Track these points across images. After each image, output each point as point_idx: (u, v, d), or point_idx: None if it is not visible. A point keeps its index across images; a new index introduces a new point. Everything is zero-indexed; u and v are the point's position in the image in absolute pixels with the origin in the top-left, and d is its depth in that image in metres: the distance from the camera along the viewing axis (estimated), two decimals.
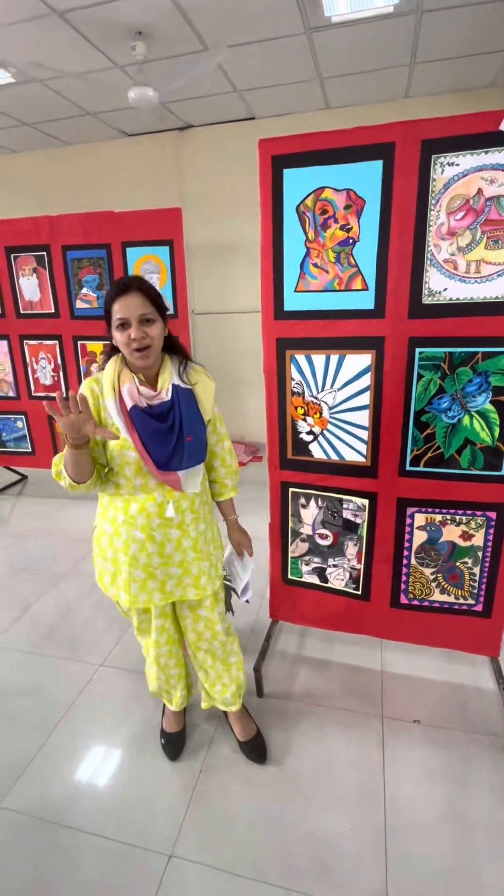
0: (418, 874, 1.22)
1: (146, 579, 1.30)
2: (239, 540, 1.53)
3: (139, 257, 2.85)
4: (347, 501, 1.68)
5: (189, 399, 1.26)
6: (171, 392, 1.23)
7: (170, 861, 1.26)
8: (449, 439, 1.50)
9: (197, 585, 1.35)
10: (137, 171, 4.31)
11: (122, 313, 1.17)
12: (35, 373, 3.26)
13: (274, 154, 1.44)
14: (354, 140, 1.37)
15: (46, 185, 4.54)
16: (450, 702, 1.72)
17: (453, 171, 1.31)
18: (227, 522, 1.52)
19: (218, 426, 1.39)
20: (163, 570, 1.31)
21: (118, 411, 1.20)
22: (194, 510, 1.32)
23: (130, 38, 2.69)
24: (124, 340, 1.18)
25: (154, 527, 1.27)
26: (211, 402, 1.33)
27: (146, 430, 1.20)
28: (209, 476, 1.44)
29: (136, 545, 1.28)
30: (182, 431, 1.22)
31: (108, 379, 1.23)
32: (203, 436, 1.30)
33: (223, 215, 4.16)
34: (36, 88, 3.29)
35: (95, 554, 1.38)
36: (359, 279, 1.45)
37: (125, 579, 1.31)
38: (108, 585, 1.36)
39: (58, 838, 1.32)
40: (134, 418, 1.20)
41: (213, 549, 1.41)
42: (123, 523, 1.28)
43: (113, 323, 1.19)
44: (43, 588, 2.49)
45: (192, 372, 1.31)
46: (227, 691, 1.52)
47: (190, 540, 1.32)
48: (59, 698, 1.78)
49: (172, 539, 1.30)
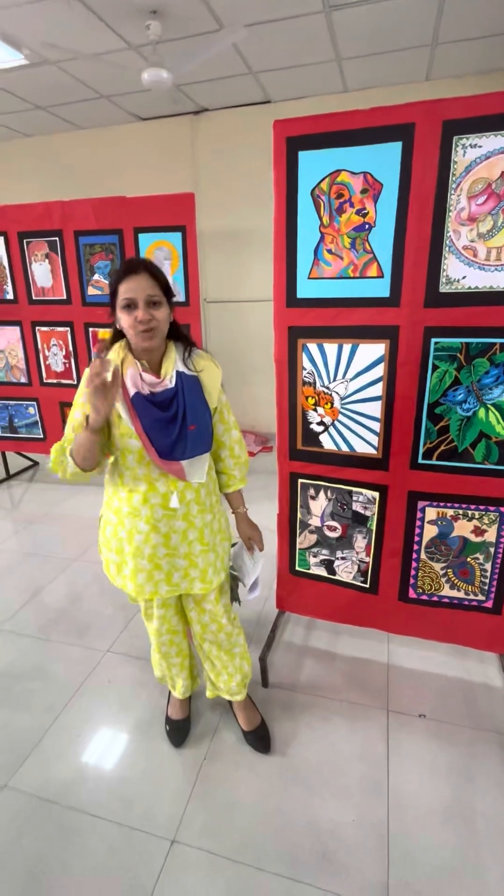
0: (420, 867, 1.22)
1: (152, 570, 1.29)
2: (248, 533, 1.49)
3: (151, 243, 2.82)
4: (357, 494, 1.66)
5: (194, 386, 1.24)
6: (175, 379, 1.21)
7: (172, 846, 1.27)
8: (463, 432, 1.46)
9: (203, 579, 1.33)
10: (151, 156, 4.26)
11: (129, 293, 1.14)
12: (47, 359, 3.26)
13: (289, 136, 1.40)
14: (373, 121, 1.32)
15: (59, 170, 4.51)
16: (456, 697, 1.71)
17: (476, 154, 1.26)
18: (235, 515, 1.48)
19: (225, 414, 1.36)
20: (168, 561, 1.29)
21: (121, 398, 1.19)
22: (200, 501, 1.29)
23: (145, 17, 2.64)
24: (130, 322, 1.16)
25: (158, 518, 1.25)
26: (217, 390, 1.30)
27: (148, 418, 1.18)
28: (216, 466, 1.41)
29: (141, 536, 1.26)
30: (185, 420, 1.20)
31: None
32: (208, 424, 1.27)
33: (236, 201, 4.10)
34: (49, 71, 3.25)
35: (101, 543, 1.38)
36: (374, 266, 1.41)
37: (131, 570, 1.30)
38: (114, 575, 1.36)
39: (62, 819, 1.34)
40: (136, 406, 1.18)
41: (220, 541, 1.39)
42: (128, 514, 1.27)
43: (119, 304, 1.17)
44: (52, 574, 2.51)
45: (198, 358, 1.28)
46: (233, 681, 1.52)
47: (196, 531, 1.30)
48: (66, 683, 1.80)
49: (178, 530, 1.28)
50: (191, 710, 1.63)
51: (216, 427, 1.34)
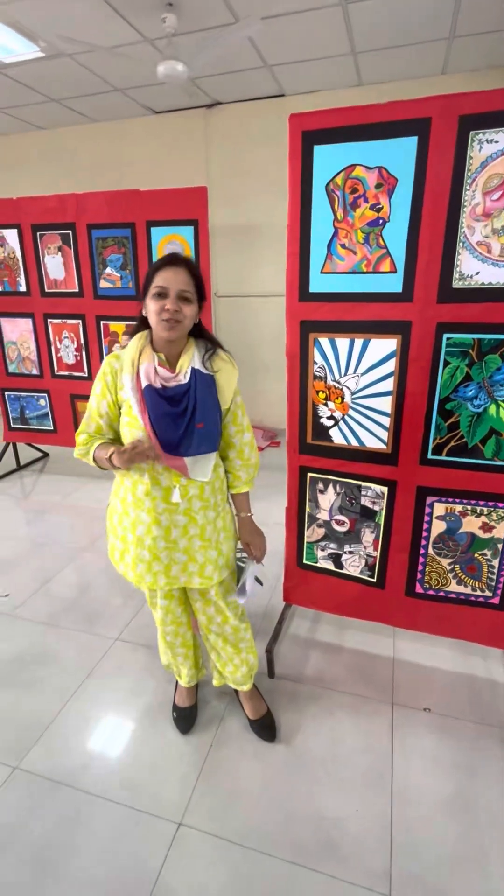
0: (422, 858, 1.24)
1: (151, 561, 1.31)
2: (248, 539, 1.46)
3: (163, 237, 2.83)
4: (366, 488, 1.67)
5: (208, 385, 1.24)
6: (190, 376, 1.21)
7: (179, 829, 1.30)
8: (473, 428, 1.47)
9: (202, 574, 1.34)
10: (164, 149, 4.26)
11: (163, 282, 1.16)
12: (58, 352, 3.29)
13: (305, 129, 1.41)
14: (389, 115, 1.32)
15: (73, 163, 4.53)
16: (461, 692, 1.72)
17: (492, 149, 1.25)
18: (238, 519, 1.46)
19: (239, 416, 1.35)
20: (167, 554, 1.31)
21: (133, 388, 1.20)
22: (203, 498, 1.29)
23: (161, 9, 2.64)
24: (157, 309, 1.17)
25: (160, 511, 1.26)
26: (232, 392, 1.30)
27: (157, 411, 1.19)
28: (224, 465, 1.41)
29: (143, 527, 1.28)
30: (194, 417, 1.20)
31: (129, 355, 1.23)
32: (217, 424, 1.28)
33: (249, 195, 4.10)
34: (64, 63, 3.26)
35: (108, 529, 1.41)
36: (387, 261, 1.42)
37: (132, 558, 1.32)
38: (117, 561, 1.39)
39: (71, 801, 1.37)
40: (146, 398, 1.20)
41: (224, 539, 1.39)
42: (132, 504, 1.29)
43: (150, 290, 1.18)
44: (62, 563, 2.55)
45: (217, 359, 1.28)
46: (239, 672, 1.54)
47: (196, 528, 1.30)
48: (76, 669, 1.83)
49: (179, 525, 1.29)
50: (197, 698, 1.66)
51: (228, 428, 1.34)
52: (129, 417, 1.23)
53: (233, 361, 1.32)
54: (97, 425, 1.29)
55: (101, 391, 1.26)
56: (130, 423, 1.22)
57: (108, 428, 1.29)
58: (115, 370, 1.24)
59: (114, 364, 1.25)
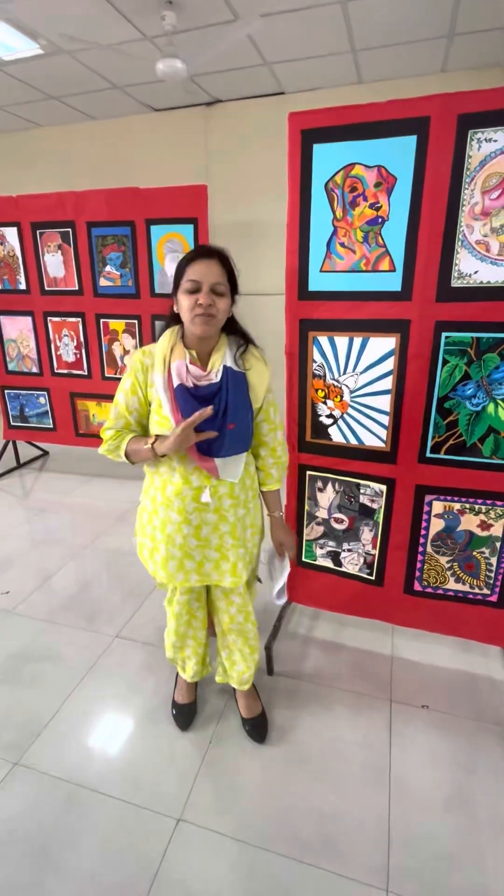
0: (420, 854, 1.24)
1: (183, 559, 1.30)
2: (281, 539, 1.45)
3: (163, 235, 2.83)
4: (365, 486, 1.67)
5: (239, 384, 1.21)
6: (221, 374, 1.19)
7: (178, 824, 1.31)
8: (472, 427, 1.47)
9: (234, 573, 1.32)
10: (163, 147, 4.25)
11: (195, 276, 1.13)
12: (58, 350, 3.30)
13: (304, 128, 1.41)
14: (388, 114, 1.33)
15: (72, 161, 4.52)
16: (459, 690, 1.72)
17: (491, 148, 1.26)
18: (270, 518, 1.44)
19: (271, 414, 1.33)
20: (200, 552, 1.30)
21: (165, 387, 1.18)
22: (233, 496, 1.27)
23: (161, 7, 2.63)
24: (189, 304, 1.14)
25: (190, 510, 1.25)
26: (264, 390, 1.27)
27: (189, 411, 1.16)
28: (256, 463, 1.38)
29: (173, 526, 1.27)
30: (226, 417, 1.18)
31: (160, 352, 1.21)
32: (249, 424, 1.25)
33: (249, 194, 4.09)
34: (64, 61, 3.25)
35: (137, 528, 1.40)
36: (386, 260, 1.42)
37: (163, 557, 1.31)
38: (147, 560, 1.38)
39: (72, 796, 1.38)
40: (178, 397, 1.17)
41: (251, 536, 1.37)
42: (161, 503, 1.27)
43: (182, 285, 1.15)
44: (62, 560, 2.55)
45: (249, 356, 1.26)
46: (248, 672, 1.54)
47: (228, 525, 1.28)
48: (76, 666, 1.84)
49: (209, 523, 1.27)
50: (197, 694, 1.66)
51: (260, 427, 1.32)
52: (160, 416, 1.21)
53: (264, 358, 1.29)
54: (126, 421, 1.27)
55: (131, 387, 1.24)
56: (161, 422, 1.20)
57: (137, 424, 1.28)
58: (146, 366, 1.22)
59: (144, 360, 1.23)
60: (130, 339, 3.10)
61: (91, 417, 3.40)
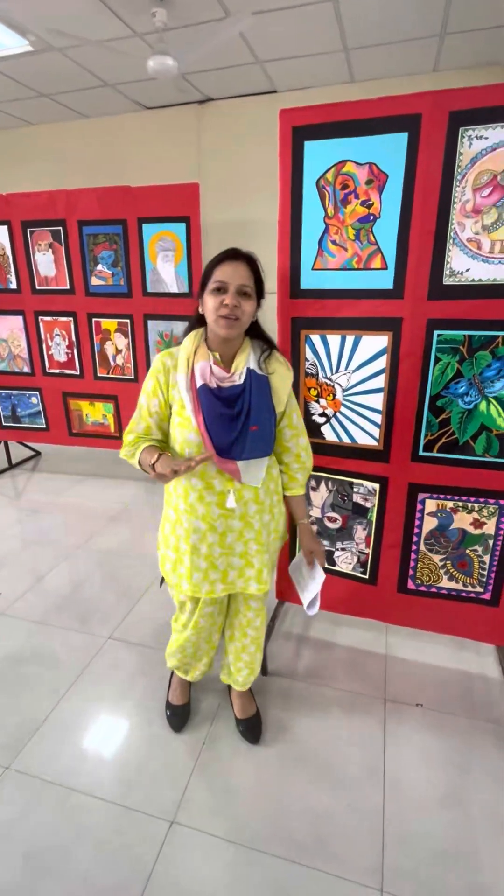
0: (415, 852, 1.24)
1: (208, 569, 1.28)
2: (311, 547, 1.42)
3: (155, 233, 2.82)
4: (358, 485, 1.67)
5: (262, 387, 1.20)
6: (245, 377, 1.18)
7: (171, 827, 1.30)
8: (464, 425, 1.47)
9: (259, 579, 1.30)
10: (155, 145, 4.24)
11: (222, 277, 1.13)
12: (49, 349, 3.27)
13: (295, 125, 1.40)
14: (379, 111, 1.32)
15: (63, 159, 4.49)
16: (454, 688, 1.73)
17: (482, 145, 1.26)
18: (299, 526, 1.42)
19: (294, 419, 1.31)
20: (224, 560, 1.28)
21: (187, 388, 1.17)
22: (258, 501, 1.25)
23: (151, 4, 2.62)
24: (215, 305, 1.14)
25: (215, 517, 1.23)
26: (286, 394, 1.26)
27: (211, 412, 1.15)
28: (280, 467, 1.36)
29: (197, 535, 1.25)
30: (248, 419, 1.17)
31: (184, 353, 1.20)
32: (271, 428, 1.24)
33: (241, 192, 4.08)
34: (54, 58, 3.23)
35: (159, 540, 1.37)
36: (378, 258, 1.41)
37: (188, 568, 1.28)
38: (169, 573, 1.35)
39: (64, 800, 1.36)
40: (201, 398, 1.16)
41: (274, 540, 1.36)
42: (185, 511, 1.25)
43: (209, 286, 1.15)
44: (55, 561, 2.53)
45: (273, 360, 1.25)
46: (252, 674, 1.53)
47: (253, 532, 1.27)
48: (69, 668, 1.82)
49: (234, 529, 1.25)
50: (191, 696, 1.65)
51: (284, 432, 1.31)
52: (181, 418, 1.19)
53: (287, 364, 1.28)
54: (146, 425, 1.25)
55: (153, 389, 1.23)
56: (182, 423, 1.19)
57: (158, 428, 1.26)
58: (168, 368, 1.21)
59: (166, 361, 1.22)
60: (123, 338, 3.08)
61: (84, 417, 3.38)
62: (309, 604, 1.43)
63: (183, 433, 1.19)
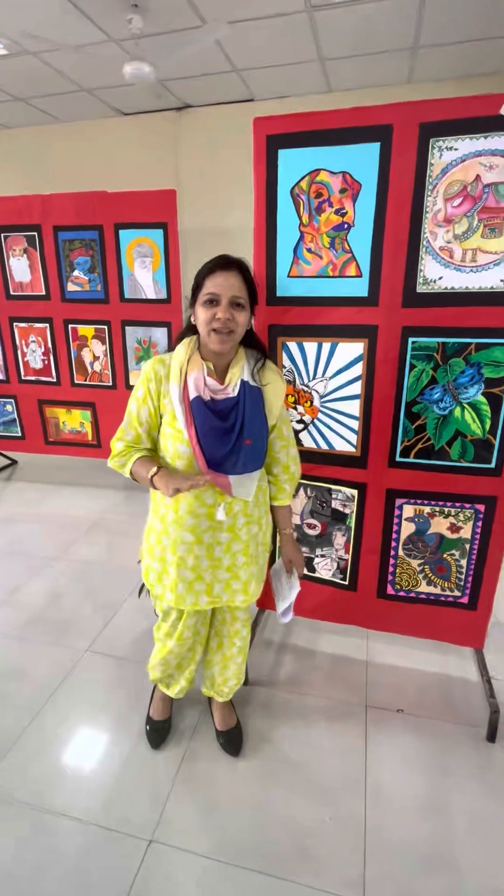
0: (396, 861, 1.24)
1: (194, 581, 1.26)
2: (291, 557, 1.42)
3: (132, 239, 2.79)
4: (336, 491, 1.67)
5: (256, 399, 1.18)
6: (239, 389, 1.15)
7: (150, 846, 1.26)
8: (440, 431, 1.49)
9: (245, 591, 1.29)
10: (133, 151, 4.22)
11: (214, 289, 1.10)
12: (25, 356, 3.21)
13: (269, 133, 1.41)
14: (352, 121, 1.33)
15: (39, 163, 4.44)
16: (434, 692, 1.73)
17: (452, 156, 1.28)
18: (281, 536, 1.42)
19: (284, 431, 1.30)
20: (211, 573, 1.26)
21: (180, 399, 1.14)
22: (247, 513, 1.24)
23: (126, 10, 2.61)
24: (207, 318, 1.11)
25: (203, 529, 1.21)
26: (279, 406, 1.25)
27: (204, 425, 1.13)
28: (268, 478, 1.35)
29: (184, 546, 1.23)
30: (242, 433, 1.15)
31: (177, 362, 1.17)
32: (264, 441, 1.22)
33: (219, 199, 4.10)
34: (29, 61, 3.20)
35: (144, 550, 1.34)
36: (353, 265, 1.42)
37: (173, 580, 1.26)
38: (154, 583, 1.32)
39: (38, 821, 1.32)
40: (194, 410, 1.13)
41: (262, 552, 1.34)
42: (173, 522, 1.23)
43: (200, 297, 1.12)
44: (30, 573, 2.47)
45: (267, 371, 1.22)
46: (238, 684, 1.52)
47: (241, 544, 1.25)
48: (45, 683, 1.77)
49: (222, 542, 1.24)
50: (172, 711, 1.62)
51: (274, 444, 1.29)
52: (173, 429, 1.16)
53: (281, 374, 1.27)
54: (136, 433, 1.22)
55: (143, 396, 1.19)
56: (174, 435, 1.16)
57: (147, 436, 1.23)
58: (160, 376, 1.17)
59: (158, 369, 1.18)
60: (100, 344, 3.04)
61: (61, 425, 3.32)
62: (283, 612, 1.43)
63: (174, 445, 1.17)
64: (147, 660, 1.55)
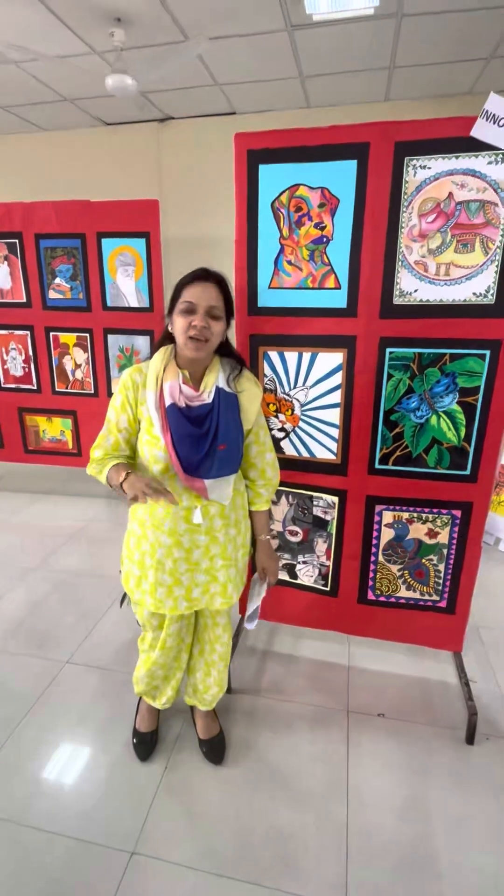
0: (378, 864, 1.25)
1: (172, 585, 1.26)
2: (265, 564, 1.43)
3: (115, 248, 2.80)
4: (317, 499, 1.69)
5: (231, 405, 1.21)
6: (214, 395, 1.18)
7: (131, 858, 1.25)
8: (417, 439, 1.53)
9: (224, 594, 1.30)
10: (115, 162, 4.24)
11: (192, 298, 1.14)
12: (5, 364, 3.18)
13: (250, 148, 1.44)
14: (330, 138, 1.38)
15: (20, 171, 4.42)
16: (414, 696, 1.76)
17: (425, 174, 1.33)
18: (258, 542, 1.42)
19: (261, 436, 1.32)
20: (189, 576, 1.27)
21: (156, 406, 1.17)
22: (224, 515, 1.26)
23: (109, 23, 2.64)
24: (183, 326, 1.14)
25: (181, 532, 1.23)
26: (255, 413, 1.27)
27: (180, 431, 1.15)
28: (245, 482, 1.37)
29: (163, 550, 1.24)
30: (216, 438, 1.17)
31: (153, 370, 1.20)
32: (239, 446, 1.24)
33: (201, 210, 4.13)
34: (10, 70, 3.20)
35: (124, 555, 1.35)
36: (332, 278, 1.46)
37: (151, 584, 1.27)
38: (133, 589, 1.32)
39: (17, 837, 1.29)
40: (170, 417, 1.15)
41: (241, 556, 1.35)
42: (150, 526, 1.24)
43: (178, 306, 1.16)
44: (10, 583, 2.43)
45: (243, 379, 1.25)
46: (221, 691, 1.51)
47: (218, 546, 1.27)
48: (25, 695, 1.74)
49: (200, 545, 1.25)
50: (159, 722, 1.60)
51: (250, 448, 1.31)
52: (150, 436, 1.19)
53: (257, 382, 1.29)
54: (115, 440, 1.24)
55: (122, 404, 1.22)
56: (150, 441, 1.18)
57: (126, 443, 1.25)
58: (137, 384, 1.21)
59: (136, 377, 1.21)
60: (82, 352, 3.03)
61: (41, 433, 3.29)
62: (248, 616, 1.45)
63: (151, 450, 1.19)
64: (130, 671, 1.54)
